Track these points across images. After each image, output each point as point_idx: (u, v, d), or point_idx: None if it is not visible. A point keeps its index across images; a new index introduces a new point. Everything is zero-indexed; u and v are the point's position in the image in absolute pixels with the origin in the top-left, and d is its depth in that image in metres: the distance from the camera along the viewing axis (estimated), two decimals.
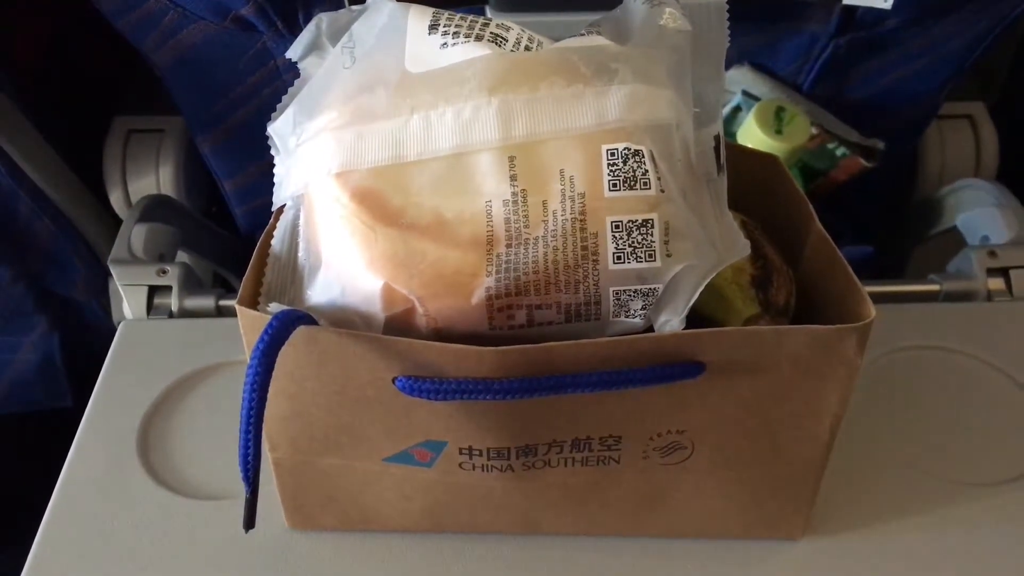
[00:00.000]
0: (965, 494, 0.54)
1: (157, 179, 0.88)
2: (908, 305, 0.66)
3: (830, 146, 0.79)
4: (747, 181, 0.49)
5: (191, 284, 0.68)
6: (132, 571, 0.51)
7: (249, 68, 0.73)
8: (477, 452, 0.46)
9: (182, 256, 0.77)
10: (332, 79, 0.45)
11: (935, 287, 0.68)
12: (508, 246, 0.40)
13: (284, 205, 0.46)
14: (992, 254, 0.68)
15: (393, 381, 0.42)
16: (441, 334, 0.42)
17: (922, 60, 0.76)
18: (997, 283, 0.67)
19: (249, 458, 0.40)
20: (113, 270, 0.67)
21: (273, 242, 0.45)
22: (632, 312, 0.41)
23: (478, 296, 0.40)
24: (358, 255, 0.41)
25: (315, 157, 0.43)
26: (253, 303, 0.43)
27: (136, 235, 0.70)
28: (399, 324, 0.42)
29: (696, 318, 0.42)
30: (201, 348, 0.63)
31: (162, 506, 0.54)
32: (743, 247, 0.41)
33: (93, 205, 0.87)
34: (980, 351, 0.63)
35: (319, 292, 0.42)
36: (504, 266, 0.40)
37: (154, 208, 0.75)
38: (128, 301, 0.66)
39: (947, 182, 0.88)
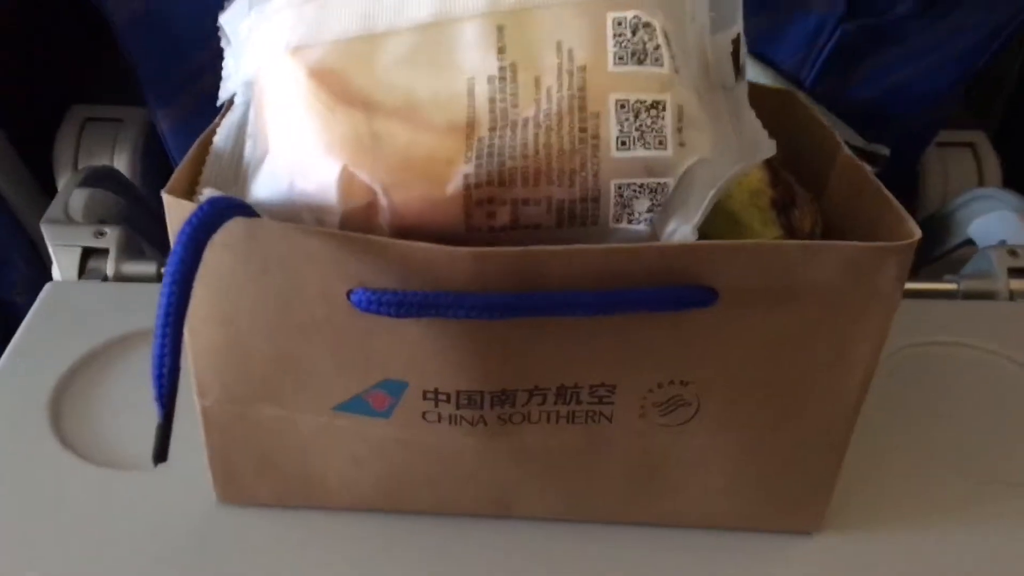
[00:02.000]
0: (988, 492, 0.47)
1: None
2: (928, 301, 0.60)
3: None
4: (762, 120, 0.43)
5: (133, 249, 0.61)
6: (35, 542, 0.43)
7: (216, 27, 0.67)
8: (444, 397, 0.39)
9: None
10: None
11: (952, 286, 0.62)
12: (492, 129, 0.34)
13: (232, 103, 0.39)
14: (1013, 253, 0.63)
15: (348, 296, 0.36)
16: (407, 236, 0.35)
17: (931, 57, 0.72)
18: (1020, 284, 0.62)
19: (164, 370, 0.33)
20: (45, 230, 0.60)
21: (216, 139, 0.38)
22: (636, 215, 0.35)
23: (454, 185, 0.34)
24: (313, 138, 0.35)
25: (270, 35, 0.37)
26: (186, 195, 0.36)
27: (76, 199, 0.64)
28: (358, 223, 0.35)
29: None
30: (134, 313, 0.56)
31: (71, 474, 0.46)
32: (768, 147, 0.35)
33: (41, 201, 0.80)
34: (1003, 348, 0.57)
35: (263, 184, 0.36)
36: (487, 151, 0.34)
37: (99, 177, 0.68)
38: (59, 262, 0.59)
39: (948, 208, 0.84)
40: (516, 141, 0.34)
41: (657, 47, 0.34)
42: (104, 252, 0.59)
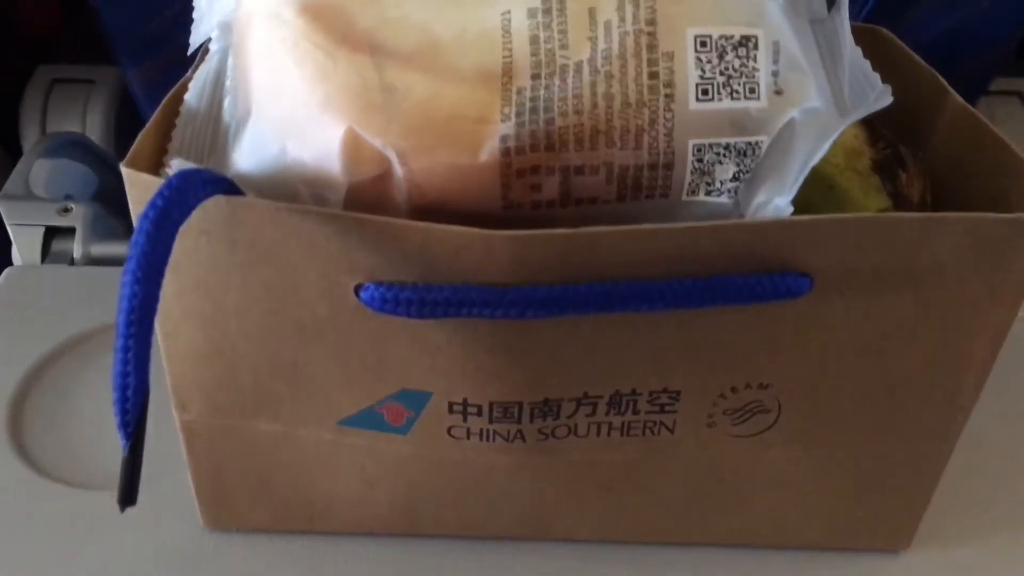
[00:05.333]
0: None
1: (84, 133, 0.74)
2: None
3: None
4: None
5: (102, 227, 0.53)
6: None
7: None
8: (474, 409, 0.32)
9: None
10: None
11: None
12: (535, 77, 0.27)
13: (205, 50, 0.32)
14: None
15: (356, 292, 0.28)
16: (430, 214, 0.28)
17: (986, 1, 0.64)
18: None
19: (127, 391, 0.26)
20: (1, 207, 0.52)
21: (187, 96, 0.31)
22: (718, 185, 0.28)
23: (488, 150, 0.27)
24: (308, 92, 0.27)
25: None
26: (152, 168, 0.29)
27: (38, 170, 0.56)
28: (367, 200, 0.28)
29: None
30: (104, 303, 0.48)
31: (33, 496, 0.39)
32: (881, 94, 0.28)
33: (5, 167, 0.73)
34: None
35: (247, 152, 0.29)
36: (529, 106, 0.27)
37: (65, 145, 0.61)
38: (18, 244, 0.52)
39: None
40: (567, 92, 0.26)
41: None
42: (70, 231, 0.52)
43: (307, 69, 0.27)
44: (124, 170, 0.28)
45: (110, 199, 0.64)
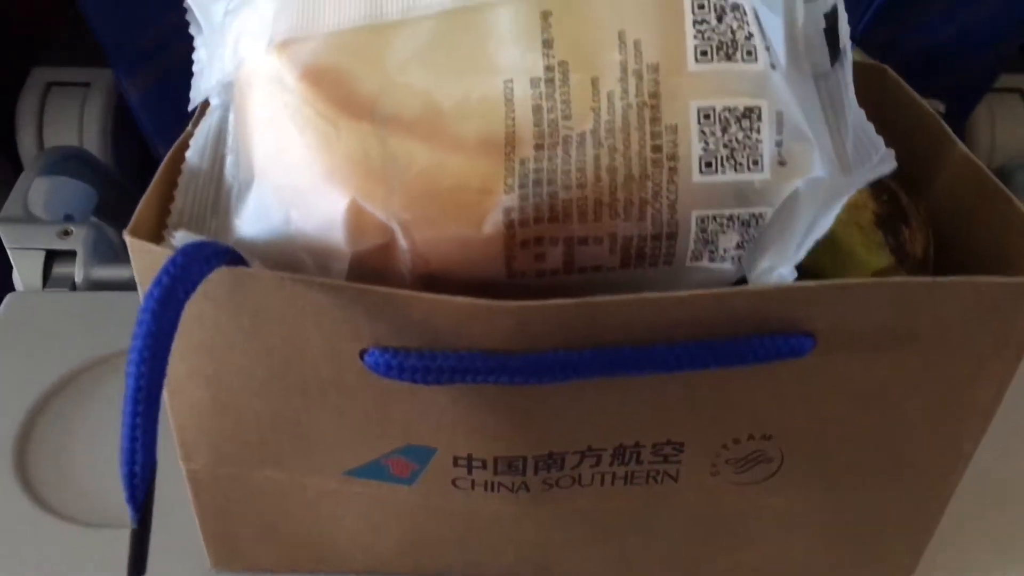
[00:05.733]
0: None
1: (80, 141, 0.74)
2: None
3: None
4: None
5: (104, 249, 0.53)
6: None
7: None
8: (479, 464, 0.32)
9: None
10: None
11: None
12: (538, 148, 0.26)
13: (205, 105, 0.32)
14: None
15: (361, 356, 0.29)
16: (434, 282, 0.28)
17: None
18: None
19: (136, 466, 0.26)
20: (1, 231, 0.52)
21: (188, 154, 0.31)
22: (721, 252, 0.28)
23: (492, 222, 0.27)
24: (311, 161, 0.27)
25: (250, 25, 0.29)
26: (155, 234, 0.29)
27: (36, 190, 0.56)
28: (371, 268, 0.28)
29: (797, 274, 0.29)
30: (109, 330, 0.49)
31: (43, 535, 0.40)
32: (885, 159, 0.28)
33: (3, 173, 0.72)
34: None
35: (250, 219, 0.29)
36: (532, 178, 0.26)
37: (63, 160, 0.60)
38: (19, 269, 0.52)
39: (996, 162, 0.77)
40: (570, 165, 0.26)
41: (750, 35, 0.26)
42: (71, 255, 0.52)
43: (309, 137, 0.27)
44: (128, 239, 0.28)
45: (109, 210, 0.64)
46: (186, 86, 0.40)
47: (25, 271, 0.51)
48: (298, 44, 0.28)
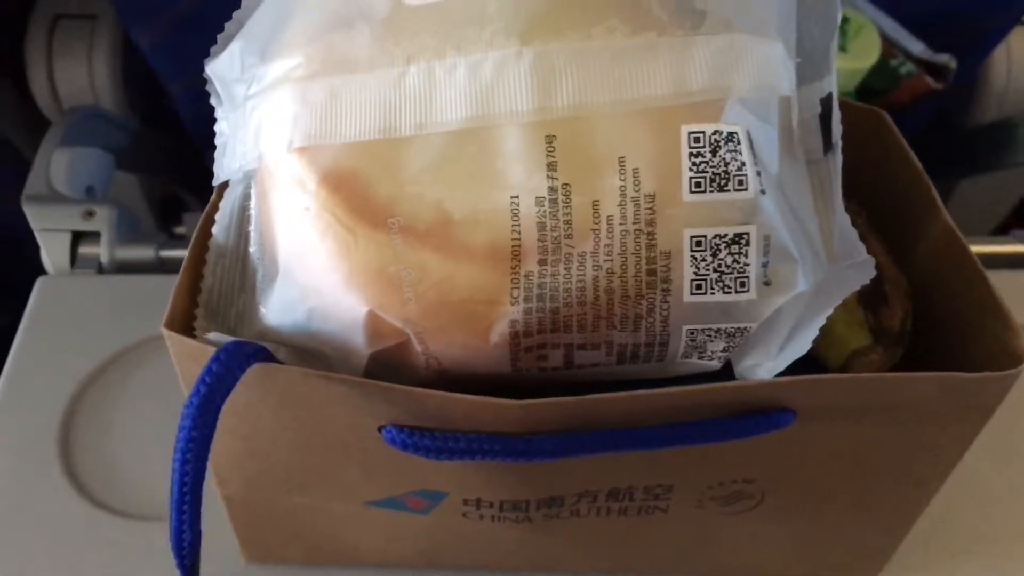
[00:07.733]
0: None
1: (90, 75, 0.74)
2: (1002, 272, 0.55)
3: (893, 63, 0.66)
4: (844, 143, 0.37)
5: (125, 228, 0.55)
6: None
7: None
8: (487, 504, 0.35)
9: (119, 180, 0.64)
10: (291, 2, 0.32)
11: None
12: (542, 263, 0.29)
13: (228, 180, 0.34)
14: None
15: (379, 430, 0.32)
16: (447, 374, 0.30)
17: None
18: None
19: (184, 543, 0.30)
20: (27, 211, 0.54)
21: (215, 230, 0.33)
22: (709, 354, 0.30)
23: (498, 332, 0.29)
24: (331, 268, 0.29)
25: (271, 120, 0.31)
26: (187, 323, 0.31)
27: (58, 162, 0.58)
28: (389, 359, 0.31)
29: None
30: (139, 314, 0.51)
31: (89, 526, 0.44)
32: (865, 267, 0.30)
33: (13, 101, 0.73)
34: None
35: (276, 310, 0.31)
36: (536, 292, 0.29)
37: (80, 125, 0.62)
38: (47, 250, 0.54)
39: (1009, 105, 0.76)
40: (571, 283, 0.28)
41: (742, 166, 0.28)
42: (95, 235, 0.54)
43: (330, 244, 0.29)
44: (165, 332, 0.30)
45: (131, 163, 0.65)
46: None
47: (54, 252, 0.54)
48: (317, 150, 0.30)
